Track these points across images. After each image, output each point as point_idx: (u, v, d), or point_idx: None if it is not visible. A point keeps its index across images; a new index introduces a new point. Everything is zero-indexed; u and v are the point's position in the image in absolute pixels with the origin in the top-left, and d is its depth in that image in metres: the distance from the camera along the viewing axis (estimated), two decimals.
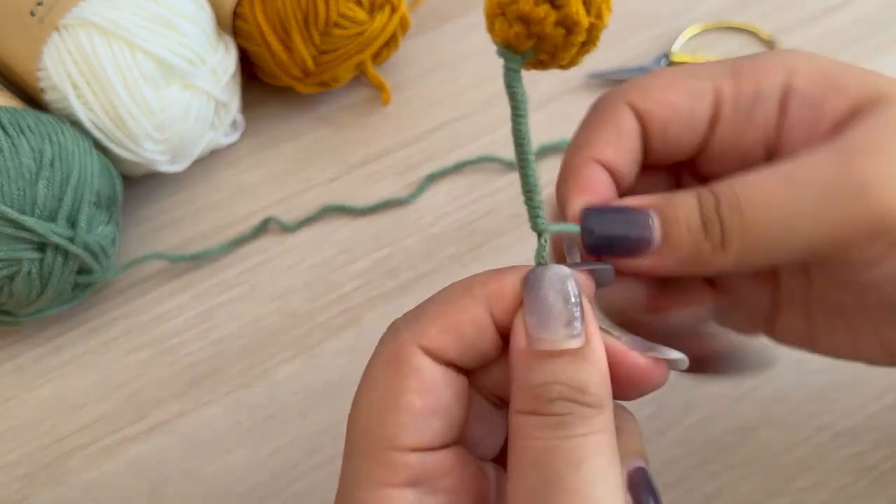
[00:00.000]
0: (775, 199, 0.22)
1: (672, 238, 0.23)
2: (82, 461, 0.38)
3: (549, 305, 0.21)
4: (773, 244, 0.22)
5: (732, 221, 0.22)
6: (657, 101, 0.24)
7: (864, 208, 0.21)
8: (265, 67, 0.47)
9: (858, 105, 0.23)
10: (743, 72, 0.24)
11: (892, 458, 0.35)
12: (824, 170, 0.22)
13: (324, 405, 0.39)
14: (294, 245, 0.44)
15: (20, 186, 0.37)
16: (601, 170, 0.24)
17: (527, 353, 0.21)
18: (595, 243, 0.23)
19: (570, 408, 0.21)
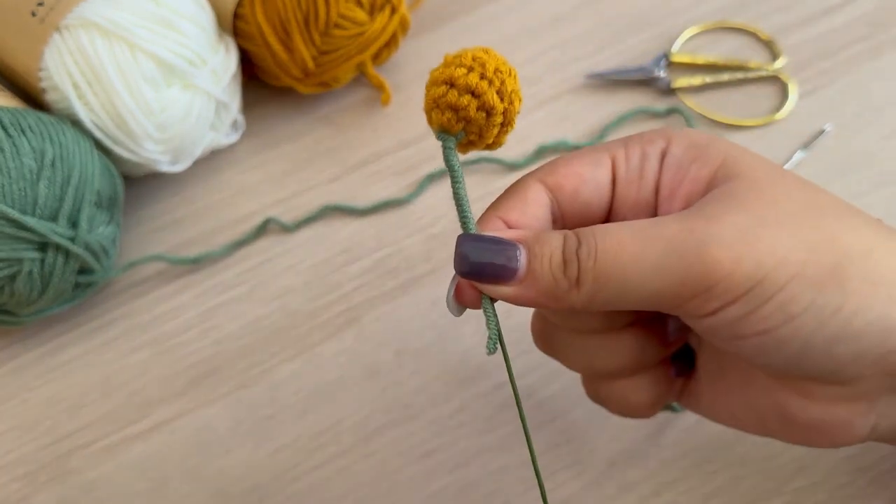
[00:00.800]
0: (626, 249, 0.24)
1: (534, 271, 0.25)
2: (83, 461, 0.38)
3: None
4: (621, 289, 0.25)
5: (587, 263, 0.25)
6: (563, 174, 0.28)
7: (700, 264, 0.24)
8: (266, 68, 0.47)
9: (716, 176, 0.26)
10: (631, 141, 0.28)
11: (889, 458, 0.35)
12: (671, 229, 0.24)
13: (324, 405, 0.39)
14: (294, 245, 0.44)
15: (21, 186, 0.37)
16: (501, 224, 0.27)
17: None
18: (467, 269, 0.26)
19: None
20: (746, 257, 0.24)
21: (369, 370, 0.40)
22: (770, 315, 0.24)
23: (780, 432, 0.28)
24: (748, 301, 0.24)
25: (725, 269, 0.24)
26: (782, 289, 0.24)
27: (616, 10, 0.52)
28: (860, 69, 0.48)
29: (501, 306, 0.25)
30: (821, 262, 0.24)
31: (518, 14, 0.52)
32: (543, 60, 0.50)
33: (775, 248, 0.24)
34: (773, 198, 0.25)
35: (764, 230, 0.24)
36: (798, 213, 0.25)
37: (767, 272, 0.24)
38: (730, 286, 0.24)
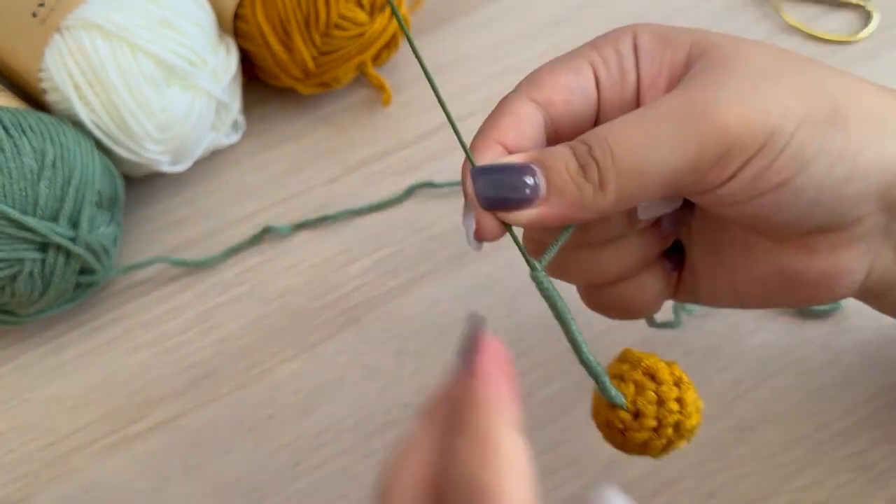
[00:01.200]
0: (638, 136, 0.25)
1: (556, 185, 0.25)
2: (84, 460, 0.38)
3: None
4: (644, 177, 0.25)
5: (606, 162, 0.25)
6: (551, 87, 0.27)
7: (710, 129, 0.24)
8: (266, 68, 0.47)
9: (690, 55, 0.27)
10: (599, 43, 0.28)
11: (890, 456, 0.35)
12: (674, 106, 0.25)
13: (324, 405, 0.39)
14: (294, 245, 0.44)
15: (22, 187, 0.37)
16: (501, 148, 0.27)
17: None
18: (489, 201, 0.25)
19: None
20: (752, 113, 0.24)
21: (369, 370, 0.40)
22: (786, 165, 0.24)
23: (784, 298, 0.29)
24: (763, 155, 0.24)
25: (735, 129, 0.24)
26: (792, 137, 0.24)
27: (616, 10, 0.52)
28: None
29: (496, 310, 0.25)
30: (820, 107, 0.25)
31: (518, 14, 0.52)
32: (543, 61, 0.50)
33: (775, 99, 0.24)
34: (752, 59, 0.25)
35: (759, 86, 0.25)
36: (781, 67, 0.25)
37: (775, 124, 0.24)
38: (744, 145, 0.24)
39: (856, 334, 0.38)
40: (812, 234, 0.26)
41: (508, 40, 0.51)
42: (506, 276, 0.42)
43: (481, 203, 0.26)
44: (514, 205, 0.25)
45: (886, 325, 0.38)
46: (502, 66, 0.50)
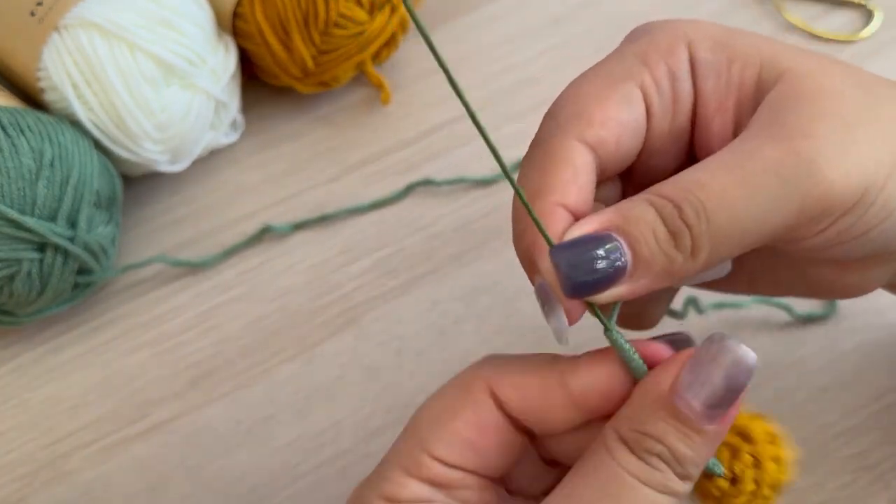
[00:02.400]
0: (735, 195, 0.22)
1: (644, 258, 0.22)
2: (82, 461, 0.38)
3: (715, 382, 0.21)
4: (739, 240, 0.22)
5: (700, 228, 0.22)
6: (601, 123, 0.24)
7: (815, 188, 0.22)
8: (265, 67, 0.47)
9: (762, 78, 0.24)
10: (651, 58, 0.25)
11: (891, 457, 0.35)
12: (774, 160, 0.22)
13: (324, 405, 0.39)
14: (294, 245, 0.44)
15: (20, 186, 0.37)
16: (566, 214, 0.23)
17: (659, 399, 0.22)
18: (577, 288, 0.22)
19: (662, 467, 0.21)
20: (854, 169, 0.22)
21: (369, 370, 0.40)
22: (873, 217, 0.23)
23: (805, 295, 0.28)
24: (856, 210, 0.23)
25: (838, 186, 0.22)
26: (882, 189, 0.23)
27: (616, 9, 0.51)
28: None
29: (496, 310, 0.25)
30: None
31: (518, 14, 0.52)
32: (543, 60, 0.50)
33: (870, 149, 0.23)
34: (835, 91, 0.23)
35: (855, 133, 0.23)
36: (864, 103, 0.23)
37: (871, 178, 0.23)
38: (843, 201, 0.22)
39: (858, 335, 0.38)
40: (853, 259, 0.26)
41: (508, 40, 0.51)
42: (506, 277, 0.42)
43: (568, 291, 0.22)
44: (602, 286, 0.22)
45: (889, 325, 0.38)
46: (502, 65, 0.50)
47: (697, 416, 0.21)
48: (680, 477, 0.22)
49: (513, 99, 0.48)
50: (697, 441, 0.21)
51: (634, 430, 0.22)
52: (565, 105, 0.25)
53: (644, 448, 0.21)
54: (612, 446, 0.22)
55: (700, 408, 0.21)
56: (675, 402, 0.21)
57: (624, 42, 0.26)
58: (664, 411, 0.21)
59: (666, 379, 0.22)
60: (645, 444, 0.21)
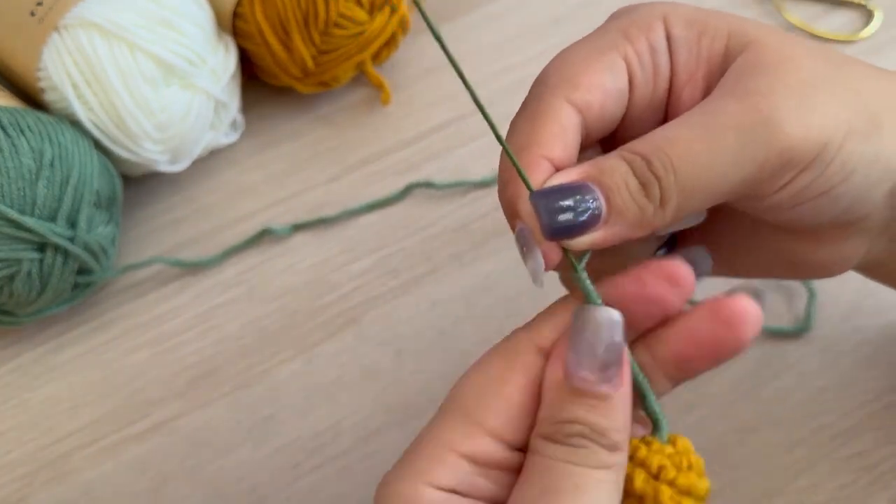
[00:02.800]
0: (699, 149, 0.23)
1: (617, 206, 0.23)
2: (82, 461, 0.38)
3: (591, 347, 0.22)
4: (704, 192, 0.23)
5: (668, 179, 0.23)
6: (587, 87, 0.25)
7: (776, 142, 0.23)
8: (265, 67, 0.47)
9: (729, 47, 0.25)
10: (632, 33, 0.26)
11: (891, 457, 0.35)
12: (736, 116, 0.23)
13: (324, 405, 0.39)
14: (293, 245, 0.44)
15: (20, 186, 0.37)
16: (549, 165, 0.24)
17: (559, 386, 0.23)
18: (555, 230, 0.23)
19: (586, 443, 0.22)
20: (812, 125, 0.23)
21: (369, 370, 0.40)
22: (833, 175, 0.24)
23: (784, 274, 0.29)
24: (815, 167, 0.24)
25: (798, 140, 0.23)
26: (841, 147, 0.24)
27: (614, 9, 0.51)
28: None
29: (496, 310, 0.25)
30: (861, 115, 0.24)
31: (518, 14, 0.52)
32: (543, 60, 0.49)
33: (828, 111, 0.24)
34: (798, 58, 0.25)
35: (813, 95, 0.24)
36: (827, 72, 0.25)
37: (829, 134, 0.24)
38: (801, 157, 0.23)
39: (857, 335, 0.38)
40: (830, 227, 0.27)
41: (509, 39, 0.51)
42: (506, 276, 0.42)
43: (547, 233, 0.23)
44: (578, 232, 0.23)
45: (888, 325, 0.38)
46: (503, 64, 0.50)
47: (594, 384, 0.22)
48: (608, 448, 0.22)
49: (513, 99, 0.47)
50: (607, 408, 0.23)
51: (552, 424, 0.23)
52: (553, 71, 0.26)
53: (564, 434, 0.22)
54: (538, 447, 0.23)
55: (593, 376, 0.22)
56: (571, 381, 0.23)
57: (606, 21, 0.28)
58: (567, 395, 0.23)
59: (557, 368, 0.23)
60: (564, 430, 0.22)
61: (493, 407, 0.24)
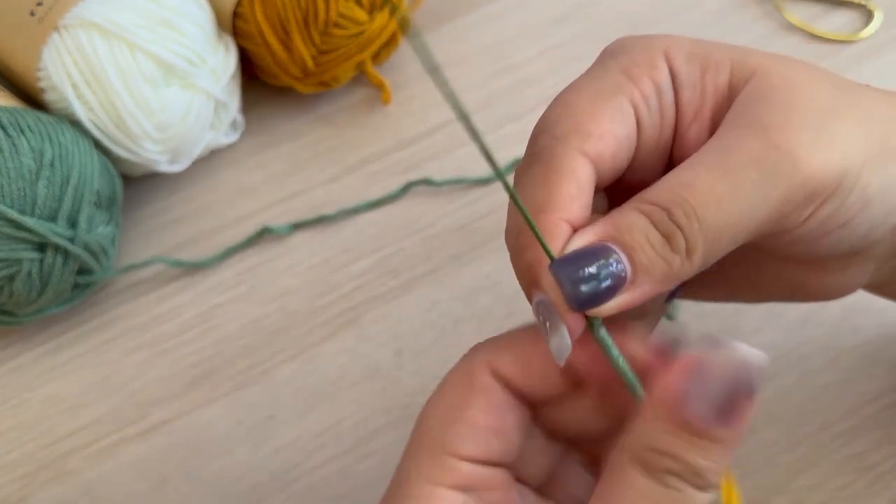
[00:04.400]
0: (721, 191, 0.22)
1: (642, 264, 0.22)
2: (82, 461, 0.38)
3: (723, 388, 0.20)
4: (730, 236, 0.22)
5: (692, 228, 0.22)
6: (599, 137, 0.24)
7: (798, 176, 0.22)
8: (265, 67, 0.47)
9: (733, 79, 0.25)
10: (635, 73, 0.25)
11: (892, 457, 0.35)
12: (753, 151, 0.22)
13: (324, 405, 0.39)
14: (293, 245, 0.44)
15: (20, 186, 0.37)
16: (568, 228, 0.23)
17: (671, 414, 0.21)
18: (582, 301, 0.22)
19: (680, 486, 0.21)
20: (831, 156, 0.23)
21: (369, 370, 0.40)
22: (853, 204, 0.23)
23: (784, 299, 0.29)
24: (837, 196, 0.23)
25: (818, 172, 0.22)
26: (859, 176, 0.23)
27: (617, 9, 0.51)
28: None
29: (496, 310, 0.25)
30: (875, 141, 0.24)
31: (518, 14, 0.52)
32: (543, 60, 0.50)
33: (846, 138, 0.23)
34: (806, 85, 0.24)
35: (829, 124, 0.23)
36: (838, 99, 0.24)
37: (848, 164, 0.23)
38: (823, 187, 0.23)
39: (859, 334, 0.38)
40: (835, 256, 0.26)
41: (508, 39, 0.51)
42: (506, 277, 0.41)
43: (573, 304, 0.22)
44: (604, 297, 0.22)
45: (889, 325, 0.38)
46: (502, 65, 0.50)
47: (709, 424, 0.20)
48: (700, 489, 0.21)
49: (513, 99, 0.48)
50: (713, 449, 0.21)
51: (648, 449, 0.21)
52: (560, 119, 0.24)
53: (661, 468, 0.21)
54: (627, 472, 0.21)
55: (711, 416, 0.20)
56: (684, 414, 0.21)
57: (603, 58, 0.26)
58: (675, 426, 0.21)
59: (672, 391, 0.21)
60: (661, 464, 0.21)
61: (461, 433, 0.23)
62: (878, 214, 0.24)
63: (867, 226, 0.24)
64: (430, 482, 0.23)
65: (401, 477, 0.24)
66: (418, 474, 0.23)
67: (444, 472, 0.23)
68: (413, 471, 0.23)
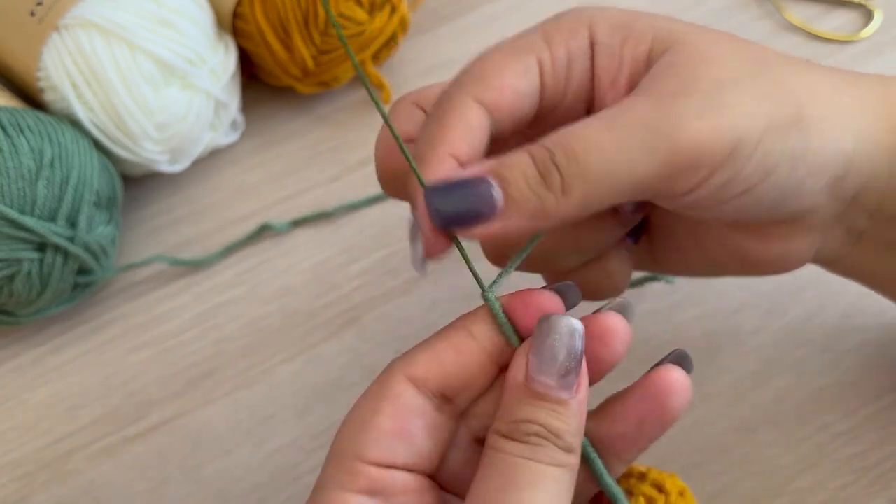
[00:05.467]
0: (604, 140, 0.23)
1: (514, 196, 0.24)
2: (82, 461, 0.38)
3: (553, 353, 0.24)
4: (608, 183, 0.24)
5: (570, 168, 0.23)
6: (499, 90, 0.26)
7: (682, 140, 0.23)
8: (265, 67, 0.47)
9: (652, 50, 0.26)
10: (554, 39, 0.27)
11: (891, 458, 0.35)
12: (643, 114, 0.24)
13: (324, 405, 0.39)
14: (293, 245, 0.44)
15: (20, 186, 0.37)
16: (454, 162, 0.25)
17: (520, 388, 0.24)
18: (444, 221, 0.24)
19: (542, 442, 0.23)
20: (722, 123, 0.24)
21: (369, 370, 0.40)
22: (751, 173, 0.24)
23: (736, 272, 0.30)
24: (730, 165, 0.24)
25: (706, 139, 0.23)
26: (758, 145, 0.24)
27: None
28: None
29: None
30: (782, 110, 0.25)
31: (518, 14, 0.52)
32: None
33: (743, 106, 0.24)
34: (718, 58, 0.25)
35: (727, 91, 0.24)
36: (744, 67, 0.25)
37: (742, 135, 0.24)
38: (712, 156, 0.24)
39: (858, 335, 0.38)
40: (771, 224, 0.27)
41: None
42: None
43: (435, 222, 0.24)
44: (471, 223, 0.24)
45: (888, 325, 0.38)
46: None
47: (554, 389, 0.23)
48: (563, 449, 0.23)
49: None
50: (564, 412, 0.24)
51: (510, 422, 0.24)
52: (469, 71, 0.26)
53: (522, 432, 0.23)
54: (496, 443, 0.24)
55: (554, 382, 0.23)
56: (532, 386, 0.24)
57: (538, 24, 0.28)
58: (527, 397, 0.24)
59: (520, 370, 0.24)
60: (522, 429, 0.23)
61: (367, 439, 0.24)
62: (788, 182, 0.25)
63: (776, 193, 0.25)
64: (339, 488, 0.24)
65: (316, 485, 0.25)
66: (331, 481, 0.24)
67: (351, 477, 0.24)
68: (326, 478, 0.25)
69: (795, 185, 0.25)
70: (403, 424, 0.25)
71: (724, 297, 0.39)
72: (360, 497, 0.24)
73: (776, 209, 0.26)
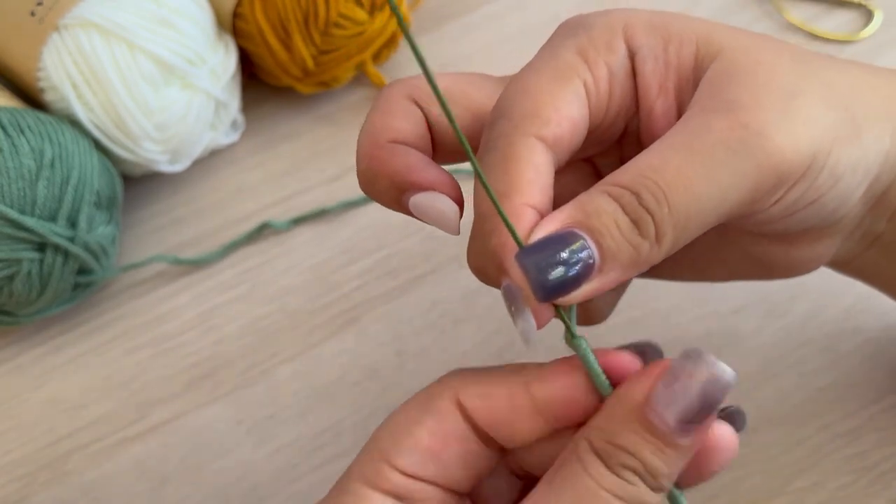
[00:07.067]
0: (690, 174, 0.21)
1: (610, 250, 0.21)
2: (82, 461, 0.38)
3: (691, 395, 0.21)
4: (700, 220, 0.22)
5: (661, 213, 0.21)
6: (557, 123, 0.23)
7: (768, 158, 0.22)
8: (265, 67, 0.47)
9: (699, 55, 0.24)
10: (590, 56, 0.24)
11: (892, 458, 0.35)
12: (722, 132, 0.22)
13: (324, 405, 0.39)
14: (294, 245, 0.44)
15: (20, 186, 0.37)
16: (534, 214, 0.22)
17: (634, 410, 0.21)
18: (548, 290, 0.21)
19: (636, 481, 0.21)
20: (801, 136, 0.22)
21: (369, 370, 0.40)
22: (823, 183, 0.23)
23: (752, 277, 0.29)
24: (808, 177, 0.23)
25: (790, 155, 0.22)
26: (829, 154, 0.23)
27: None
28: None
29: (496, 310, 0.25)
30: (842, 118, 0.24)
31: (518, 14, 0.52)
32: None
33: (814, 118, 0.23)
34: (772, 64, 0.24)
35: (797, 102, 0.23)
36: (805, 76, 0.24)
37: (818, 144, 0.23)
38: (796, 170, 0.23)
39: (859, 335, 0.38)
40: (803, 230, 0.26)
41: (508, 39, 0.51)
42: None
43: (540, 294, 0.21)
44: (572, 285, 0.21)
45: (889, 326, 0.38)
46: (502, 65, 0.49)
47: (671, 430, 0.21)
48: (653, 489, 0.22)
49: None
50: (671, 455, 0.21)
51: (608, 443, 0.21)
52: (516, 103, 0.24)
53: (618, 462, 0.21)
54: (585, 458, 0.22)
55: (674, 422, 0.21)
56: (648, 415, 0.21)
57: (560, 34, 0.26)
58: (638, 424, 0.21)
59: (640, 391, 0.21)
60: (619, 458, 0.21)
61: (401, 446, 0.24)
62: (846, 191, 0.24)
63: (836, 202, 0.24)
64: (365, 483, 0.24)
65: (346, 473, 0.25)
66: (358, 474, 0.24)
67: (379, 477, 0.24)
68: (355, 469, 0.24)
69: (850, 194, 0.24)
70: (441, 446, 0.24)
71: (724, 297, 0.39)
72: (384, 497, 0.23)
73: (831, 216, 0.25)
